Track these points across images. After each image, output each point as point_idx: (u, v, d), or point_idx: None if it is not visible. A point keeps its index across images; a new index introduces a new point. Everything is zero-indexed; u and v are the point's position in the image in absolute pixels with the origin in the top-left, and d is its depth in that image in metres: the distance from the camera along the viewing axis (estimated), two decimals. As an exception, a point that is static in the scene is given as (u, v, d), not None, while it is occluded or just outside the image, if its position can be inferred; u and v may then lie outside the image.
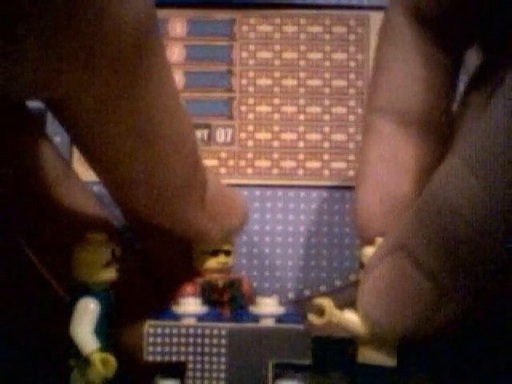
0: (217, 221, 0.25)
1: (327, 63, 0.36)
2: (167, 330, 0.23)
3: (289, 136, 0.36)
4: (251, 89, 0.36)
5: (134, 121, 0.21)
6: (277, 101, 0.36)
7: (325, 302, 0.24)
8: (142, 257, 0.28)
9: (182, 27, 0.36)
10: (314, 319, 0.24)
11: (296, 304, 0.34)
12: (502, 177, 0.21)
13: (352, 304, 0.25)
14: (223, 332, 0.23)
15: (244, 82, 0.36)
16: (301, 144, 0.36)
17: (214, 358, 0.23)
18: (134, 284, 0.27)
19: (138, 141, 0.21)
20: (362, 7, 0.36)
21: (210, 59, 0.36)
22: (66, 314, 0.24)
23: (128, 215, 0.27)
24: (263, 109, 0.36)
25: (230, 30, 0.36)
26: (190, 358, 0.23)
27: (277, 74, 0.36)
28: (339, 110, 0.36)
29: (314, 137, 0.36)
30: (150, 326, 0.23)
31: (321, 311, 0.24)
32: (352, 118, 0.36)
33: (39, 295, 0.27)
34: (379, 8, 0.35)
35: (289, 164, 0.36)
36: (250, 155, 0.36)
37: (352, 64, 0.36)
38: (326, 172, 0.36)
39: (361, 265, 0.26)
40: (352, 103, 0.36)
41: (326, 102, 0.36)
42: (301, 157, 0.36)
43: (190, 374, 0.23)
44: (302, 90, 0.36)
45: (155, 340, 0.23)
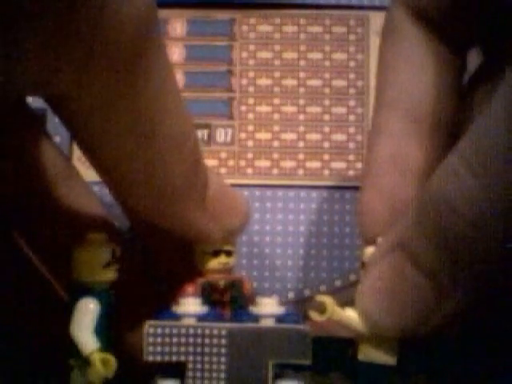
0: (218, 221, 0.25)
1: (327, 63, 0.36)
2: (167, 330, 0.23)
3: (289, 136, 0.36)
4: (251, 89, 0.36)
5: (134, 120, 0.21)
6: (277, 101, 0.36)
7: (326, 299, 0.24)
8: (142, 257, 0.28)
9: (182, 27, 0.36)
10: (315, 316, 0.24)
11: (296, 304, 0.34)
12: (501, 176, 0.21)
13: (352, 304, 0.25)
14: (223, 332, 0.23)
15: (244, 82, 0.36)
16: (301, 144, 0.36)
17: (214, 358, 0.23)
18: (134, 284, 0.27)
19: (138, 140, 0.21)
20: (361, 7, 0.36)
21: (209, 59, 0.36)
22: (66, 313, 0.24)
23: (129, 214, 0.27)
24: (263, 109, 0.36)
25: (230, 29, 0.36)
26: (190, 358, 0.23)
27: (277, 74, 0.36)
28: (339, 110, 0.36)
29: (313, 137, 0.36)
30: (150, 326, 0.23)
31: (322, 309, 0.24)
32: (352, 117, 0.36)
33: (39, 295, 0.27)
34: (379, 8, 0.36)
35: (289, 164, 0.36)
36: (250, 155, 0.36)
37: (352, 64, 0.36)
38: (326, 172, 0.36)
39: (363, 265, 0.26)
40: (352, 103, 0.36)
41: (326, 102, 0.36)
42: (301, 157, 0.36)
43: (190, 373, 0.23)
44: (302, 89, 0.36)
45: (155, 340, 0.23)
